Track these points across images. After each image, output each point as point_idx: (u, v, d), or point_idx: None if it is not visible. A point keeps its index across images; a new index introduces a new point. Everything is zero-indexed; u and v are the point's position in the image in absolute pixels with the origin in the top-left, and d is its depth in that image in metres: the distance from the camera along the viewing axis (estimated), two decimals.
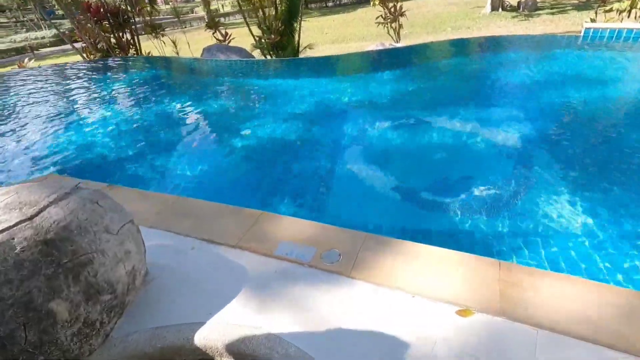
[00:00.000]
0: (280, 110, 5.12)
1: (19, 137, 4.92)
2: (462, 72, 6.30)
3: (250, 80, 6.76)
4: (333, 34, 16.95)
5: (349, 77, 6.37)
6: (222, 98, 5.95)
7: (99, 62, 9.32)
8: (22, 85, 7.81)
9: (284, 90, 5.98)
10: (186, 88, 6.62)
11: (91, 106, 6.02)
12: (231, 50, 8.77)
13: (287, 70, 7.18)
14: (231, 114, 5.28)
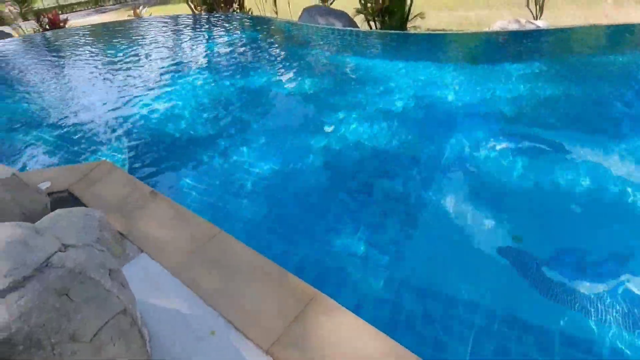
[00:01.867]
0: (371, 103, 4.27)
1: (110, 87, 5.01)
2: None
3: (344, 56, 5.88)
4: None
5: (464, 65, 5.07)
6: (310, 76, 5.27)
7: (202, 17, 9.28)
8: (133, 34, 8.17)
9: (380, 75, 5.04)
10: (275, 59, 6.05)
11: (181, 68, 5.89)
12: (332, 14, 7.89)
13: (388, 48, 6.10)
14: (316, 99, 4.60)
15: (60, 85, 5.55)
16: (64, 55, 6.84)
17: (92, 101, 4.75)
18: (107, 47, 7.31)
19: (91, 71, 6.00)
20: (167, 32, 8.15)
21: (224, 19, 8.55)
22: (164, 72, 5.58)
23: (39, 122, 4.33)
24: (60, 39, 7.87)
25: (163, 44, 7.02)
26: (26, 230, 1.17)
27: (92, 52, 7.13)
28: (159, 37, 7.62)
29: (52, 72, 5.97)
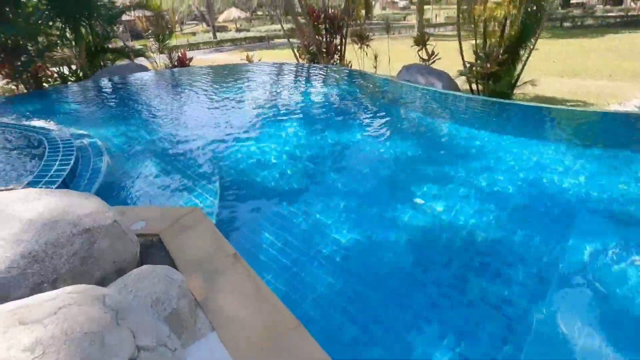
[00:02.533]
0: (470, 179, 3.85)
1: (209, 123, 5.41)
2: None
3: (442, 121, 5.56)
4: (564, 64, 13.58)
5: (589, 149, 4.36)
6: (403, 138, 5.05)
7: (305, 66, 9.90)
8: (244, 77, 9.03)
9: (482, 147, 4.60)
10: (369, 116, 5.96)
11: (278, 114, 6.18)
12: (432, 74, 7.75)
13: (494, 117, 5.63)
14: (408, 165, 4.34)
15: (175, 116, 6.22)
16: (183, 90, 7.80)
17: (196, 135, 5.16)
18: (220, 86, 8.13)
19: (203, 106, 6.67)
20: (273, 77, 8.84)
21: (325, 70, 8.99)
22: (262, 116, 5.90)
23: (147, 148, 4.80)
24: (183, 75, 9.06)
25: (267, 89, 7.57)
26: (106, 316, 1.07)
27: (207, 89, 8.00)
28: (265, 82, 8.26)
29: (171, 104, 6.77)
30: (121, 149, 4.67)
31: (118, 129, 5.38)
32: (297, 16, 11.16)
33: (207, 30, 39.16)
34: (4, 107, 7.27)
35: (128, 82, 8.53)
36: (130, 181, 3.81)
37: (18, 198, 1.92)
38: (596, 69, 12.67)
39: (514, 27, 7.44)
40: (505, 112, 5.92)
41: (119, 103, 7.21)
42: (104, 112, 6.52)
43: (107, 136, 5.01)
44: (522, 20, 7.33)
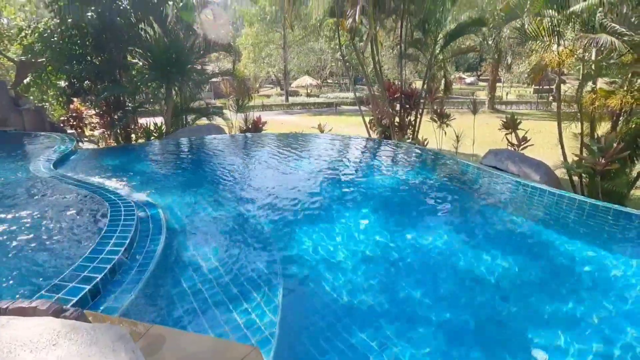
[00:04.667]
0: (602, 324, 2.72)
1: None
2: None
3: (550, 230, 4.48)
4: None
5: None
6: (494, 247, 4.04)
7: (376, 142, 9.50)
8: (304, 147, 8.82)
9: (610, 275, 3.45)
10: (450, 212, 5.04)
11: (343, 199, 5.58)
12: (527, 163, 6.77)
13: (619, 232, 4.42)
14: (515, 293, 3.32)
15: (240, 191, 5.91)
16: (253, 160, 7.63)
17: (262, 221, 4.69)
18: (290, 155, 7.93)
19: (268, 177, 6.36)
20: (344, 153, 8.50)
21: (398, 148, 8.44)
22: (328, 198, 5.33)
23: (209, 228, 4.38)
24: (256, 142, 9.11)
25: (337, 167, 7.11)
26: None
27: (275, 156, 7.83)
28: (335, 158, 7.89)
29: (239, 176, 6.48)
30: (181, 224, 4.31)
31: (183, 197, 5.14)
32: (371, 87, 11.13)
33: (281, 94, 42.32)
34: (88, 160, 7.68)
35: (203, 145, 8.73)
36: (183, 272, 3.31)
37: (29, 339, 1.38)
38: None
39: (633, 120, 6.39)
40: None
41: (189, 167, 7.23)
42: (174, 176, 6.47)
43: (171, 205, 4.75)
44: None
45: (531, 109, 28.68)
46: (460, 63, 73.54)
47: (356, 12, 7.58)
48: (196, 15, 10.25)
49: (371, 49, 10.15)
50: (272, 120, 24.28)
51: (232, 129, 10.99)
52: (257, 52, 38.12)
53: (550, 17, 6.42)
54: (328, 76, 57.98)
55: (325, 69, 52.21)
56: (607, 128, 6.95)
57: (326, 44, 35.38)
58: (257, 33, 37.02)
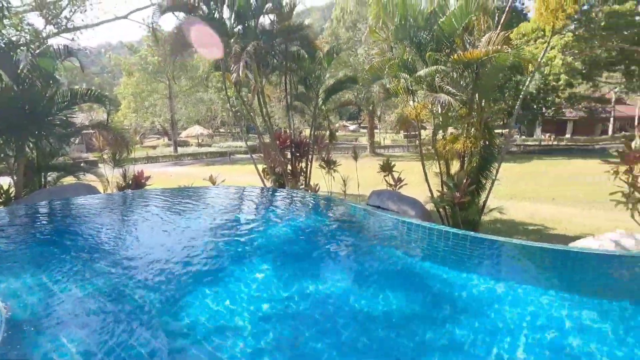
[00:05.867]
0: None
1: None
2: None
3: (425, 262, 5.11)
4: (509, 188, 14.78)
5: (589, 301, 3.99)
6: (394, 288, 4.42)
7: (270, 190, 9.60)
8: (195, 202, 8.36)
9: (480, 299, 4.07)
10: (342, 254, 5.38)
11: (236, 251, 5.40)
12: (404, 201, 7.68)
13: (480, 255, 5.29)
14: (404, 327, 3.60)
15: (110, 255, 5.15)
16: (131, 225, 6.75)
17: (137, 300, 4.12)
18: (176, 212, 7.34)
19: (149, 241, 5.71)
20: (235, 203, 8.29)
21: (292, 195, 8.67)
22: (221, 257, 5.07)
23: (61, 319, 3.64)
24: (135, 199, 8.20)
25: (227, 220, 6.87)
26: None
27: (159, 215, 7.14)
28: (225, 210, 7.62)
29: (109, 251, 5.59)
30: (32, 313, 3.46)
31: (36, 278, 4.18)
32: (262, 137, 11.39)
33: (169, 144, 39.90)
34: None
35: (67, 208, 7.44)
36: None
37: None
38: (537, 193, 13.87)
39: (474, 159, 7.92)
40: (508, 252, 5.50)
41: (45, 238, 5.99)
42: (21, 252, 5.26)
43: (15, 291, 3.80)
44: (480, 152, 7.87)
45: (404, 152, 33.19)
46: (343, 113, 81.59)
47: (240, 67, 7.87)
48: (58, 62, 9.15)
49: (258, 101, 10.53)
50: (160, 173, 22.45)
51: (107, 186, 9.72)
52: (138, 102, 35.72)
53: (404, 78, 7.75)
54: (220, 125, 57.40)
55: (216, 119, 51.66)
56: (458, 167, 8.42)
57: (215, 95, 35.43)
58: (137, 82, 34.94)
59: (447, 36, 7.45)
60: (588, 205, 11.27)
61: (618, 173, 6.13)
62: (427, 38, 7.63)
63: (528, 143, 34.93)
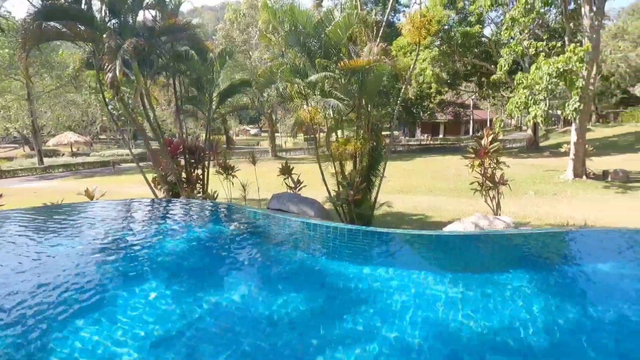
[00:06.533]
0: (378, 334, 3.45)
1: None
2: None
3: (327, 259, 5.35)
4: (396, 183, 16.50)
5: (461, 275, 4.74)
6: (294, 288, 4.49)
7: (162, 202, 8.82)
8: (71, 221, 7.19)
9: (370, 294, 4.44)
10: (243, 262, 5.27)
11: (127, 278, 4.84)
12: (304, 202, 7.90)
13: (370, 248, 5.76)
14: (304, 326, 3.70)
15: None
16: None
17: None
18: (40, 237, 6.15)
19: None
20: (119, 219, 7.35)
21: (189, 204, 8.11)
22: (103, 282, 4.46)
23: None
24: None
25: (107, 239, 6.05)
26: None
27: (14, 244, 5.89)
28: (105, 228, 6.70)
29: None
30: None
31: None
32: (149, 144, 10.40)
33: (30, 155, 33.31)
34: None
35: None
36: None
37: None
38: (419, 187, 15.80)
39: (364, 159, 8.60)
40: (403, 243, 6.00)
41: None
42: None
43: None
44: (369, 153, 8.59)
45: (306, 154, 34.15)
46: (243, 117, 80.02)
47: (116, 66, 7.00)
48: None
49: (143, 104, 9.58)
50: (20, 190, 18.61)
51: None
52: None
53: (297, 83, 7.98)
54: (100, 131, 50.50)
55: (95, 124, 45.27)
56: (351, 167, 9.03)
57: (91, 96, 30.90)
58: None
59: (334, 44, 7.94)
60: (457, 194, 13.30)
61: (474, 166, 7.38)
62: (316, 45, 8.01)
63: (411, 143, 39.58)
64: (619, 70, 37.07)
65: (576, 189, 13.52)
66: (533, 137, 29.25)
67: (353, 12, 7.51)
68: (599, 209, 10.23)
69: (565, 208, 10.49)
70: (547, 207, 10.61)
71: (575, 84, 13.04)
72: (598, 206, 10.65)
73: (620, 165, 16.34)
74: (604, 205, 10.87)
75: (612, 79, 38.16)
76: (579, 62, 12.71)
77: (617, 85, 39.02)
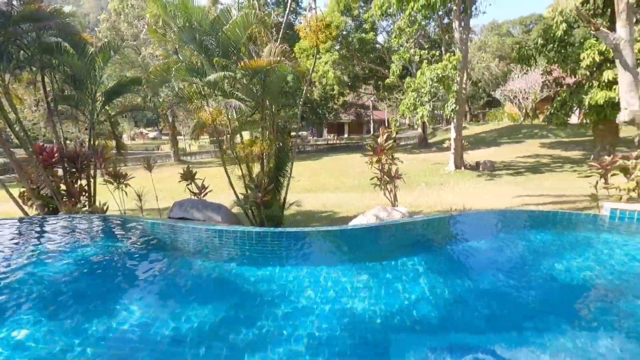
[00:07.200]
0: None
1: None
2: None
3: (237, 266, 5.16)
4: (306, 182, 16.89)
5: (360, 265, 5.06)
6: (199, 303, 4.22)
7: (34, 220, 7.43)
8: None
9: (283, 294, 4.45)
10: (138, 284, 4.78)
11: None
12: (210, 208, 7.49)
13: (283, 247, 5.76)
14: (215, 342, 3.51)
15: None
16: None
17: None
18: None
19: None
20: None
21: (67, 221, 6.98)
22: None
23: None
24: None
25: None
26: None
27: None
28: None
29: None
30: None
31: None
32: (11, 152, 8.68)
33: None
34: None
35: None
36: None
37: None
38: (328, 185, 16.45)
39: (271, 160, 8.57)
40: (288, 242, 6.10)
41: None
42: None
43: None
44: (276, 154, 8.58)
45: (213, 157, 32.57)
46: (139, 119, 72.75)
47: None
48: None
49: (0, 105, 7.92)
50: None
51: None
52: None
53: (195, 83, 7.52)
54: None
55: None
56: (258, 169, 8.90)
57: None
58: None
59: (233, 44, 7.70)
60: (361, 190, 14.21)
61: (372, 163, 7.96)
62: (214, 44, 7.66)
63: (319, 143, 40.95)
64: (484, 77, 44.26)
65: (457, 178, 15.68)
66: (423, 134, 32.97)
67: (251, 11, 7.38)
68: (474, 194, 12.04)
69: (449, 196, 12.06)
70: (435, 196, 12.05)
71: (451, 88, 15.11)
72: (473, 192, 12.53)
73: (488, 157, 19.53)
74: (478, 191, 12.83)
75: (480, 85, 45.43)
76: (453, 69, 14.75)
77: (483, 89, 46.56)
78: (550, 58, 15.84)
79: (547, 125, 22.96)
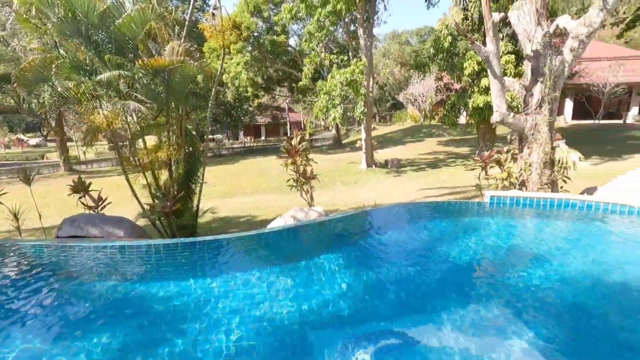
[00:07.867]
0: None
1: None
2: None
3: (143, 285, 4.67)
4: (222, 187, 16.24)
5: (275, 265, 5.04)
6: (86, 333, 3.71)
7: None
8: None
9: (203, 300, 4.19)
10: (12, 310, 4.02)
11: None
12: (109, 222, 6.64)
13: (197, 260, 5.40)
14: None
15: None
16: None
17: None
18: None
19: None
20: None
21: None
22: None
23: None
24: None
25: None
26: None
27: None
28: None
29: None
30: None
31: None
32: None
33: None
34: None
35: None
36: None
37: None
38: (246, 188, 16.06)
39: (181, 166, 8.01)
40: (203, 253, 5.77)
41: None
42: None
43: None
44: (186, 159, 8.05)
45: (113, 165, 29.19)
46: (15, 123, 61.86)
47: None
48: None
49: None
50: None
51: None
52: None
53: (83, 82, 6.63)
54: None
55: None
56: (166, 176, 8.24)
57: None
58: None
59: (129, 40, 6.99)
60: (280, 191, 14.19)
61: (287, 164, 8.01)
62: (105, 39, 6.85)
63: (235, 146, 39.76)
64: (389, 81, 48.11)
65: (369, 176, 16.73)
66: (337, 135, 34.40)
67: (148, 6, 6.77)
68: (384, 190, 12.98)
69: (362, 193, 12.80)
70: (350, 194, 12.67)
71: (360, 91, 16.04)
72: (383, 188, 13.51)
73: (395, 155, 21.27)
74: (387, 187, 13.86)
75: (385, 88, 49.25)
76: (360, 74, 15.70)
77: (389, 93, 50.57)
78: (441, 66, 17.94)
79: (442, 125, 25.96)
